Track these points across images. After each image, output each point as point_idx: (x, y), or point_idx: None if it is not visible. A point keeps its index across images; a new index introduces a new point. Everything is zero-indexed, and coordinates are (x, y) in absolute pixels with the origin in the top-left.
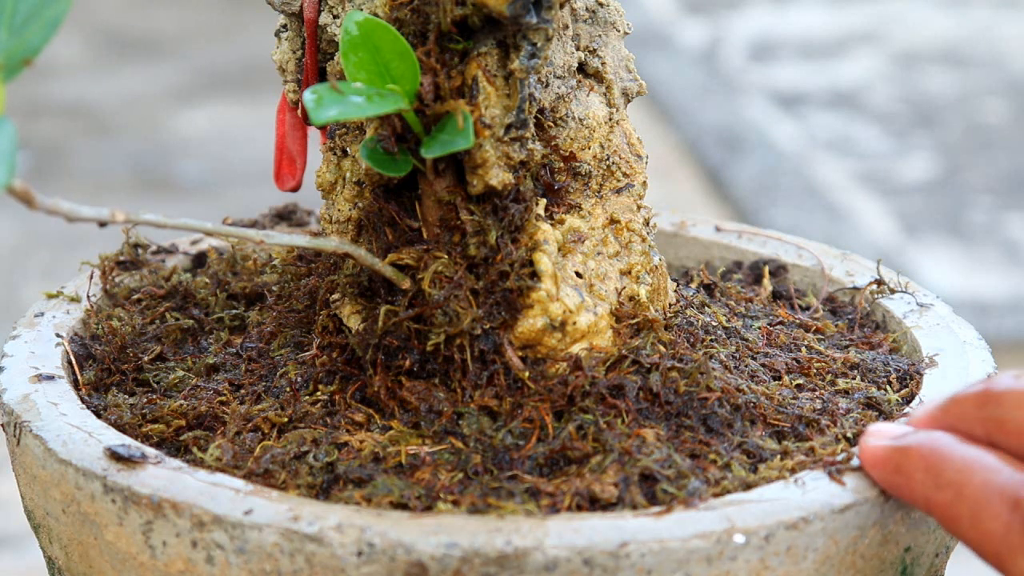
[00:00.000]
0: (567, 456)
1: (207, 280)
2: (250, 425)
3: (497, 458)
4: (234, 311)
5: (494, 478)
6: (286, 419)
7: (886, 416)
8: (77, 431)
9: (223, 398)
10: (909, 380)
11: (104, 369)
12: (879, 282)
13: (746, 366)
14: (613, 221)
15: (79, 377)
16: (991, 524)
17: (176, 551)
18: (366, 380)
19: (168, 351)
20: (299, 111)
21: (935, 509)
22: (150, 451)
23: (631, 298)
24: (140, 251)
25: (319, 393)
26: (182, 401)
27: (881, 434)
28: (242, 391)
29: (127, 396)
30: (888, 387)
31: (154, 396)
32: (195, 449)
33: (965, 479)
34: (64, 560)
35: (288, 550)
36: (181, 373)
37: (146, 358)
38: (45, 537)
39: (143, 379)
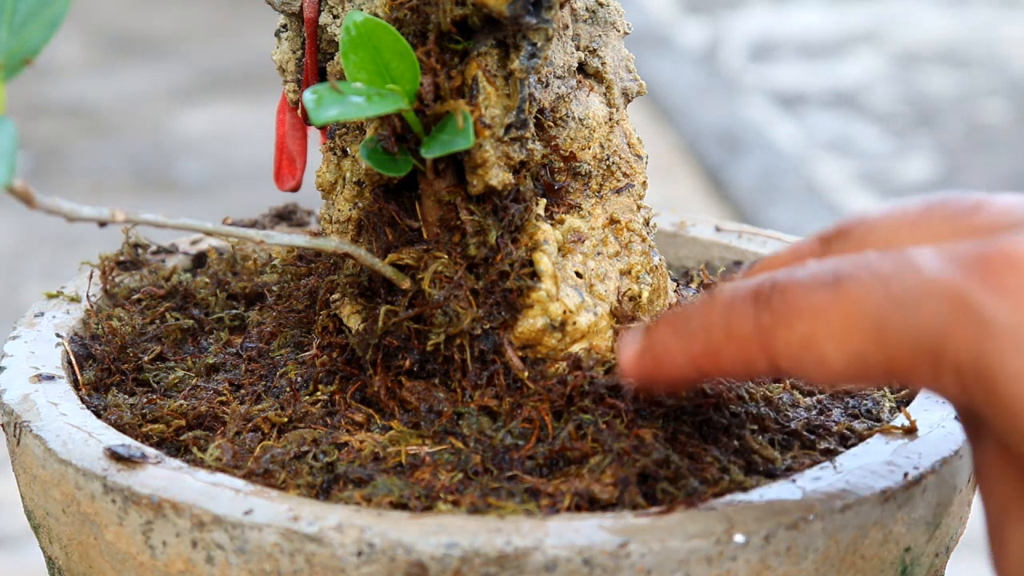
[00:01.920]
0: (566, 456)
1: (207, 280)
2: (250, 425)
3: (497, 458)
4: (234, 311)
5: (494, 478)
6: (286, 419)
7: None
8: (77, 431)
9: (223, 398)
10: None
11: (104, 369)
12: None
13: None
14: (613, 221)
15: (79, 377)
16: (742, 329)
17: (176, 551)
18: (366, 380)
19: (168, 351)
20: (299, 111)
21: (701, 360)
22: (150, 451)
23: (631, 298)
24: (140, 251)
25: (319, 393)
26: (182, 401)
27: (627, 341)
28: (242, 391)
29: (127, 396)
30: (887, 386)
31: (154, 396)
32: (195, 449)
33: (706, 314)
34: (64, 560)
35: (288, 550)
36: (181, 373)
37: (146, 358)
38: (45, 537)
39: (143, 379)
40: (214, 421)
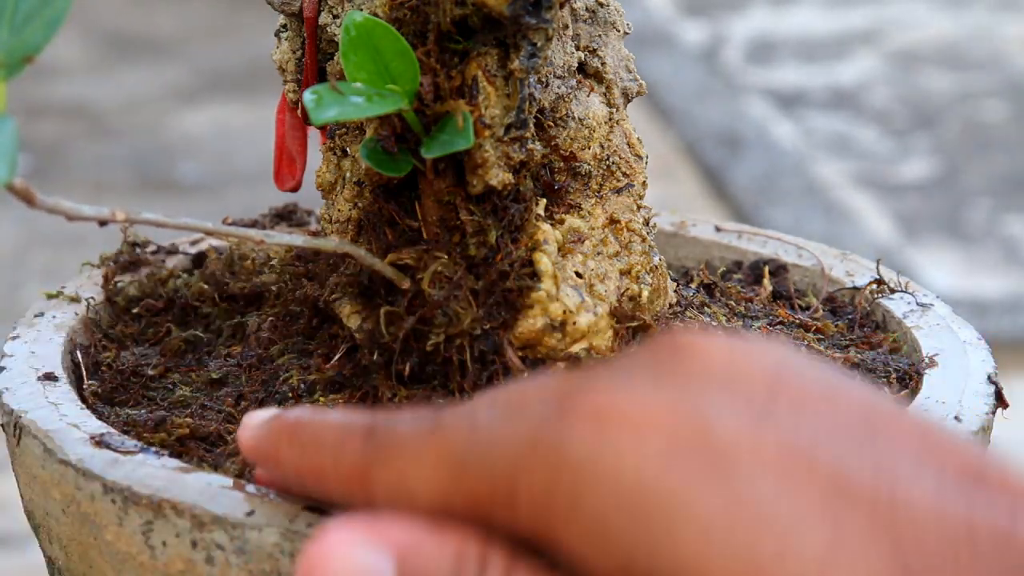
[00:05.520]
0: None
1: (204, 286)
2: None
3: None
4: (234, 321)
5: None
6: None
7: None
8: (77, 431)
9: (230, 411)
10: (909, 380)
11: (109, 387)
12: (879, 282)
13: None
14: (613, 221)
15: (84, 383)
16: (349, 459)
17: (176, 551)
18: (369, 389)
19: (170, 364)
20: (299, 111)
21: (307, 476)
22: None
23: (631, 298)
24: (139, 249)
25: (321, 402)
26: (188, 419)
27: (252, 422)
28: (244, 403)
29: (131, 411)
30: (888, 387)
31: (160, 412)
32: (196, 461)
33: (322, 432)
34: (64, 560)
35: (288, 550)
36: (186, 391)
37: (150, 371)
38: (45, 537)
39: (149, 396)
40: (219, 440)
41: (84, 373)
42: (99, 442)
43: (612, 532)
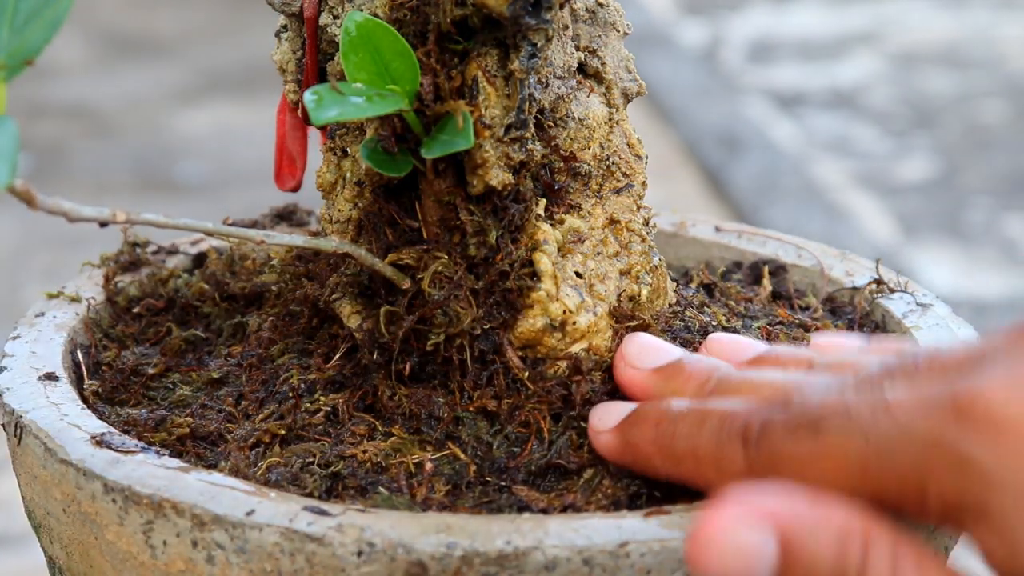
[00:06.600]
0: (562, 468)
1: (205, 286)
2: (252, 439)
3: (493, 467)
4: (235, 320)
5: (487, 490)
6: (284, 431)
7: None
8: (78, 431)
9: (230, 410)
10: None
11: (109, 386)
12: (878, 282)
13: None
14: (613, 221)
15: (85, 383)
16: (732, 466)
17: (176, 551)
18: (368, 388)
19: (171, 363)
20: (299, 111)
21: (686, 481)
22: (138, 444)
23: (631, 298)
24: (140, 250)
25: (321, 401)
26: (188, 419)
27: (607, 416)
28: (244, 402)
29: (132, 410)
30: None
31: (160, 411)
32: (195, 460)
33: (694, 436)
34: (65, 560)
35: (288, 550)
36: (187, 391)
37: (151, 371)
38: (46, 537)
39: (150, 396)
40: (219, 439)
41: (85, 373)
42: (100, 442)
43: (1018, 539)
